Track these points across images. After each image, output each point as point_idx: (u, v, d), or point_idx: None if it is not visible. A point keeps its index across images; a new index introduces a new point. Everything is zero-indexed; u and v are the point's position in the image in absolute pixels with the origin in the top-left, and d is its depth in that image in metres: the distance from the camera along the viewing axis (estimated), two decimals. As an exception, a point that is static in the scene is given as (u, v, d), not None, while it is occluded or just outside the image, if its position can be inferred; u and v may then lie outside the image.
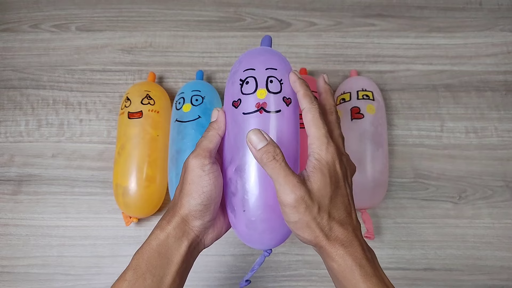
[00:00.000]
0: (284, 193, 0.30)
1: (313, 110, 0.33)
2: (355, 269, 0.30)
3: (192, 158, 0.33)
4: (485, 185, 0.59)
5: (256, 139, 0.31)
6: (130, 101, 0.56)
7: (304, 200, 0.30)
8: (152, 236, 0.34)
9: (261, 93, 0.34)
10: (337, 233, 0.31)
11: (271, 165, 0.31)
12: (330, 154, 0.32)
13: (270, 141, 0.31)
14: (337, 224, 0.31)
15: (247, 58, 0.36)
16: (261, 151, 0.31)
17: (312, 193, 0.31)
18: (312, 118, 0.33)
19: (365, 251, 0.32)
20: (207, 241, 0.36)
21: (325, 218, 0.31)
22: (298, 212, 0.30)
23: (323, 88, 0.38)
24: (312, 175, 0.31)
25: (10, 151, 0.61)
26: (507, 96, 0.63)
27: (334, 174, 0.32)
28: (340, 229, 0.31)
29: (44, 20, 0.68)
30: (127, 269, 0.33)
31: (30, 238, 0.57)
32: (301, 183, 0.30)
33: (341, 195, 0.32)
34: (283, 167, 0.30)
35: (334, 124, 0.35)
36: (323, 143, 0.32)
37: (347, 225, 0.32)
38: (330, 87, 0.38)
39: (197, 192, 0.33)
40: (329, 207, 0.31)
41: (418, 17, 0.68)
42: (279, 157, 0.31)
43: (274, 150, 0.31)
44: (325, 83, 0.38)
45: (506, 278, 0.55)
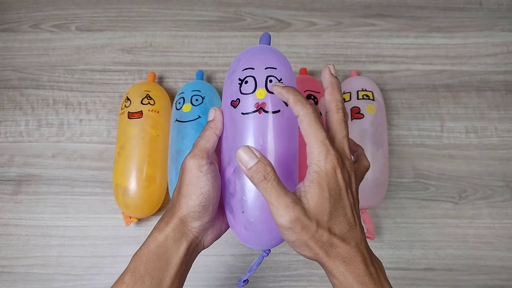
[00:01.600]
0: (278, 215, 0.29)
1: (307, 116, 0.30)
2: (356, 287, 0.29)
3: (189, 158, 0.33)
4: (485, 185, 0.59)
5: (246, 157, 0.29)
6: (130, 101, 0.56)
7: (299, 221, 0.28)
8: (150, 238, 0.33)
9: (260, 93, 0.33)
10: (338, 249, 0.30)
11: (262, 185, 0.29)
12: (330, 163, 0.29)
13: (260, 158, 0.29)
14: (338, 240, 0.30)
15: (246, 57, 0.36)
16: (251, 170, 0.29)
17: (308, 211, 0.29)
18: (307, 125, 0.30)
19: (368, 266, 0.30)
20: (206, 242, 0.36)
21: (324, 235, 0.29)
22: (294, 232, 0.29)
23: (328, 82, 0.34)
24: (309, 190, 0.29)
25: (10, 151, 0.61)
26: (507, 96, 0.63)
27: (335, 186, 0.30)
28: (341, 245, 0.30)
29: (44, 20, 0.68)
30: (125, 271, 0.33)
31: (30, 238, 0.57)
32: (294, 203, 0.29)
33: (342, 208, 0.30)
34: (275, 186, 0.29)
35: (340, 124, 0.32)
36: (322, 151, 0.29)
37: (350, 240, 0.30)
38: (337, 80, 0.34)
39: (195, 193, 0.32)
40: (329, 223, 0.29)
41: (418, 17, 0.68)
42: (270, 176, 0.29)
43: (264, 168, 0.29)
44: (331, 75, 0.34)
45: (506, 278, 0.55)
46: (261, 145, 0.32)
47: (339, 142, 0.32)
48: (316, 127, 0.30)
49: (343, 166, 0.30)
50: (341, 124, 0.32)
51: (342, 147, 0.32)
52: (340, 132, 0.32)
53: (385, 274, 0.31)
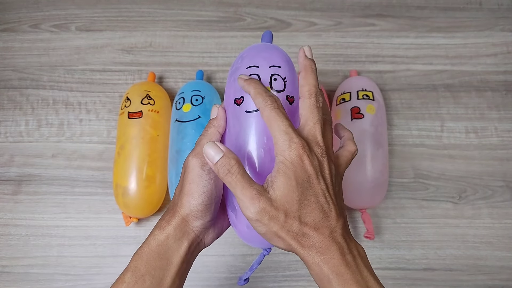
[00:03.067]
0: (244, 207, 0.29)
1: (267, 109, 0.30)
2: (332, 278, 0.28)
3: (192, 157, 0.33)
4: (485, 185, 0.59)
5: (212, 153, 0.30)
6: (130, 101, 0.56)
7: (266, 211, 0.28)
8: (151, 237, 0.33)
9: None
10: (312, 239, 0.29)
11: (227, 178, 0.29)
12: (295, 151, 0.29)
13: (225, 152, 0.30)
14: (311, 229, 0.29)
15: (250, 54, 0.35)
16: (217, 165, 0.29)
17: (275, 201, 0.28)
18: (267, 116, 0.30)
19: (345, 255, 0.29)
20: (207, 241, 0.36)
21: (295, 225, 0.29)
22: (262, 224, 0.29)
23: (302, 65, 0.33)
24: (275, 180, 0.29)
25: (10, 151, 0.61)
26: (507, 96, 0.63)
27: (302, 174, 0.29)
28: (314, 234, 0.29)
29: (44, 20, 0.68)
30: (126, 270, 0.32)
31: (30, 238, 0.57)
32: (259, 194, 0.28)
33: (314, 195, 0.29)
34: (239, 179, 0.29)
35: (312, 110, 0.31)
36: (285, 140, 0.29)
37: (323, 228, 0.29)
38: (311, 63, 0.33)
39: (198, 192, 0.32)
40: (299, 212, 0.29)
41: (418, 17, 0.68)
42: (234, 169, 0.29)
43: (229, 162, 0.29)
44: (305, 58, 0.33)
45: (506, 278, 0.55)
46: (264, 144, 0.32)
47: (310, 129, 0.31)
48: (277, 118, 0.30)
49: (311, 153, 0.30)
50: (313, 110, 0.31)
51: (313, 133, 0.31)
52: (312, 118, 0.31)
53: (366, 261, 0.31)
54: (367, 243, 0.56)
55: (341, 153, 0.34)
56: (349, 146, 0.35)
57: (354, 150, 0.35)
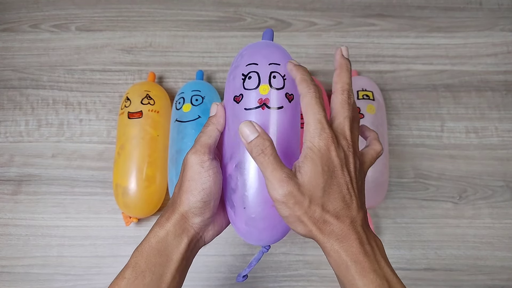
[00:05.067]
0: (272, 188, 0.29)
1: (308, 95, 0.31)
2: (350, 265, 0.29)
3: (191, 154, 0.33)
4: (485, 185, 0.59)
5: (247, 131, 0.30)
6: (130, 101, 0.56)
7: (292, 195, 0.29)
8: (151, 234, 0.33)
9: (263, 89, 0.33)
10: (332, 226, 0.30)
11: (259, 158, 0.30)
12: (324, 141, 0.30)
13: (261, 133, 0.30)
14: (332, 217, 0.30)
15: (249, 52, 0.36)
16: (251, 144, 0.30)
17: (302, 186, 0.29)
18: (307, 103, 0.31)
19: (364, 245, 0.30)
20: (207, 238, 0.36)
21: (317, 211, 0.30)
22: (287, 207, 0.29)
23: (338, 63, 0.34)
24: (303, 165, 0.30)
25: (10, 151, 0.61)
26: (507, 96, 0.63)
27: (328, 163, 0.30)
28: (335, 222, 0.30)
29: (44, 20, 0.68)
30: (126, 266, 0.33)
31: (30, 238, 0.57)
32: (288, 177, 0.29)
33: (337, 185, 0.30)
34: (271, 161, 0.29)
35: (343, 106, 0.32)
36: (317, 129, 0.30)
37: (344, 217, 0.30)
38: (347, 62, 0.34)
39: (197, 189, 0.33)
40: (323, 199, 0.30)
41: (418, 17, 0.68)
42: (268, 150, 0.30)
43: (263, 143, 0.30)
44: (342, 57, 0.34)
45: (506, 278, 0.55)
46: None
47: (340, 123, 0.32)
48: (315, 106, 0.31)
49: (338, 145, 0.31)
50: (343, 105, 0.32)
51: (342, 127, 0.32)
52: (342, 113, 0.32)
53: (384, 253, 0.31)
54: (367, 243, 0.56)
55: (366, 151, 0.35)
56: (375, 145, 0.35)
57: (380, 150, 0.35)
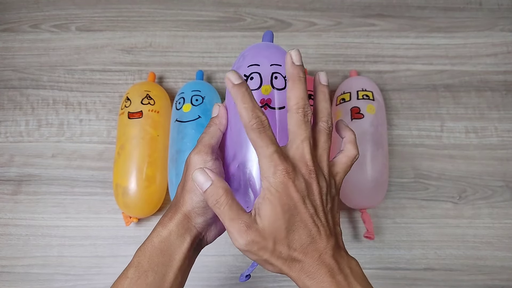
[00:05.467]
0: (233, 239, 0.29)
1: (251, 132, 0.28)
2: None
3: (193, 154, 0.33)
4: (485, 185, 0.59)
5: (202, 180, 0.30)
6: (130, 101, 0.56)
7: (255, 242, 0.28)
8: (154, 233, 0.33)
9: (265, 89, 0.33)
10: (301, 264, 0.29)
11: (215, 210, 0.29)
12: (279, 179, 0.28)
13: (214, 181, 0.29)
14: (300, 254, 0.29)
15: (251, 53, 0.36)
16: (206, 193, 0.29)
17: (263, 230, 0.28)
18: (252, 140, 0.29)
19: (335, 276, 0.29)
20: (210, 238, 0.36)
21: (284, 251, 0.29)
22: (252, 253, 0.29)
23: (289, 74, 0.30)
24: (262, 207, 0.29)
25: (10, 151, 0.61)
26: (507, 96, 0.63)
27: (288, 201, 0.28)
28: (303, 259, 0.29)
29: (44, 20, 0.68)
30: (129, 266, 0.33)
31: (30, 238, 0.57)
32: (247, 227, 0.28)
33: (301, 221, 0.29)
34: (227, 211, 0.29)
35: (299, 126, 0.29)
36: (270, 167, 0.28)
37: (312, 252, 0.29)
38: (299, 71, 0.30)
39: None
40: (287, 239, 0.29)
41: (418, 17, 0.68)
42: (222, 199, 0.29)
43: (216, 192, 0.29)
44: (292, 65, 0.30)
45: (506, 278, 0.55)
46: None
47: (297, 147, 0.29)
48: (261, 143, 0.28)
49: (297, 177, 0.29)
50: (300, 125, 0.29)
51: (300, 153, 0.29)
52: (299, 135, 0.29)
53: (360, 276, 0.30)
54: (367, 243, 0.57)
55: (339, 159, 0.33)
56: (348, 151, 0.33)
57: (354, 155, 0.33)
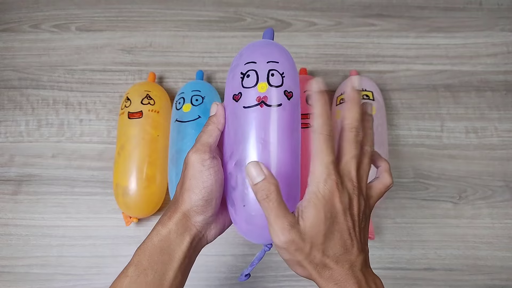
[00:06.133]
0: (274, 235, 0.29)
1: (320, 136, 0.30)
2: None
3: (192, 153, 0.33)
4: (485, 185, 0.59)
5: (254, 173, 0.30)
6: (130, 101, 0.56)
7: (294, 242, 0.29)
8: (153, 232, 0.34)
9: (262, 87, 0.33)
10: (331, 271, 0.30)
11: (264, 203, 0.30)
12: (328, 187, 0.30)
13: (267, 176, 0.30)
14: (332, 262, 0.30)
15: (248, 51, 0.36)
16: (257, 186, 0.30)
17: (303, 233, 0.29)
18: (317, 144, 0.30)
19: None
20: (210, 237, 0.36)
21: (318, 256, 0.30)
22: (288, 252, 0.30)
23: (349, 96, 0.33)
24: (306, 210, 0.30)
25: (10, 151, 0.61)
26: (507, 96, 0.63)
27: (331, 209, 0.30)
28: (334, 267, 0.30)
29: (44, 20, 0.68)
30: (129, 265, 0.33)
31: (30, 238, 0.57)
32: (291, 226, 0.29)
33: (339, 231, 0.30)
34: (275, 207, 0.29)
35: (350, 144, 0.32)
36: (323, 174, 0.30)
37: (343, 262, 0.30)
38: (358, 95, 0.33)
39: (198, 187, 0.33)
40: (324, 245, 0.30)
41: (418, 17, 0.68)
42: (273, 195, 0.29)
43: (269, 187, 0.30)
44: (353, 89, 0.33)
45: (506, 278, 0.55)
46: (262, 139, 0.33)
47: (346, 162, 0.31)
48: (325, 149, 0.30)
49: (343, 189, 0.30)
50: (351, 144, 0.32)
51: (348, 168, 0.31)
52: (349, 152, 0.31)
53: None
54: (367, 243, 0.57)
55: (375, 184, 0.34)
56: (384, 179, 0.35)
57: (389, 184, 0.34)
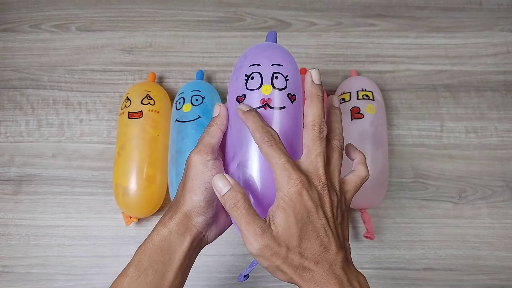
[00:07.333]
0: (247, 243, 0.29)
1: (264, 145, 0.30)
2: None
3: (194, 154, 0.33)
4: (485, 185, 0.59)
5: (220, 185, 0.30)
6: (130, 101, 0.56)
7: (269, 247, 0.29)
8: (154, 232, 0.34)
9: (266, 89, 0.34)
10: (312, 273, 0.29)
11: (233, 212, 0.29)
12: (293, 188, 0.29)
13: (233, 185, 0.30)
14: (311, 263, 0.29)
15: (252, 53, 0.36)
16: (224, 197, 0.30)
17: (277, 237, 0.29)
18: (265, 153, 0.30)
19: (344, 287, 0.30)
20: (210, 237, 0.36)
21: (296, 259, 0.29)
22: (265, 259, 0.29)
23: (308, 92, 0.33)
24: (276, 214, 0.29)
25: (10, 151, 0.61)
26: (507, 96, 0.63)
27: (301, 210, 0.29)
28: (314, 268, 0.29)
29: (44, 20, 0.68)
30: (129, 264, 0.33)
31: (30, 238, 0.57)
32: (262, 231, 0.29)
33: (313, 230, 0.29)
34: (244, 214, 0.29)
35: (314, 142, 0.31)
36: (283, 176, 0.29)
37: (323, 262, 0.29)
38: (317, 89, 0.32)
39: (200, 188, 0.33)
40: (300, 247, 0.29)
41: (418, 17, 0.68)
42: (240, 203, 0.29)
43: (235, 196, 0.29)
44: (312, 84, 0.33)
45: (506, 278, 0.55)
46: None
47: (311, 161, 0.31)
48: (274, 154, 0.30)
49: (311, 187, 0.30)
50: (315, 141, 0.31)
51: (314, 166, 0.31)
52: (314, 150, 0.31)
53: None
54: (367, 243, 0.57)
55: (349, 178, 0.34)
56: (359, 171, 0.34)
57: (365, 176, 0.34)
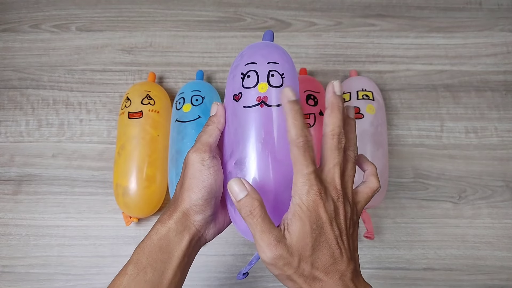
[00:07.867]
0: (261, 251, 0.29)
1: (295, 147, 0.30)
2: None
3: (192, 152, 0.33)
4: (485, 185, 0.59)
5: (237, 189, 0.30)
6: (130, 101, 0.56)
7: (282, 257, 0.29)
8: (153, 231, 0.34)
9: (262, 87, 0.34)
10: (321, 283, 0.30)
11: (248, 220, 0.29)
12: (312, 198, 0.29)
13: (250, 191, 0.30)
14: (322, 273, 0.30)
15: (248, 52, 0.36)
16: (240, 203, 0.30)
17: (290, 247, 0.29)
18: (295, 156, 0.30)
19: None
20: (209, 236, 0.37)
21: (307, 269, 0.29)
22: (277, 268, 0.29)
23: (329, 102, 0.32)
24: (291, 223, 0.30)
25: (10, 151, 0.61)
26: (507, 96, 0.63)
27: (317, 220, 0.29)
28: (324, 278, 0.30)
29: (44, 20, 0.68)
30: (128, 263, 0.33)
31: (30, 238, 0.57)
32: (277, 241, 0.29)
33: (326, 241, 0.30)
34: (260, 223, 0.29)
35: (332, 151, 0.31)
36: (305, 185, 0.29)
37: (333, 273, 0.30)
38: (339, 101, 0.32)
39: (198, 187, 0.33)
40: (312, 257, 0.29)
41: (418, 17, 0.68)
42: (257, 211, 0.29)
43: (252, 203, 0.29)
44: (333, 95, 0.32)
45: (506, 278, 0.55)
46: (262, 138, 0.33)
47: (328, 171, 0.31)
48: (303, 161, 0.29)
49: (327, 199, 0.30)
50: (333, 151, 0.31)
51: (331, 176, 0.31)
52: (332, 160, 0.31)
53: None
54: (367, 243, 0.57)
55: (361, 189, 0.34)
56: (371, 183, 0.34)
57: (376, 188, 0.34)
